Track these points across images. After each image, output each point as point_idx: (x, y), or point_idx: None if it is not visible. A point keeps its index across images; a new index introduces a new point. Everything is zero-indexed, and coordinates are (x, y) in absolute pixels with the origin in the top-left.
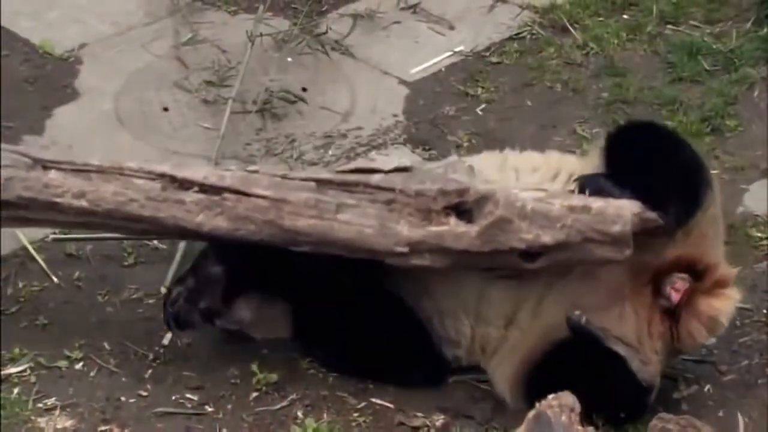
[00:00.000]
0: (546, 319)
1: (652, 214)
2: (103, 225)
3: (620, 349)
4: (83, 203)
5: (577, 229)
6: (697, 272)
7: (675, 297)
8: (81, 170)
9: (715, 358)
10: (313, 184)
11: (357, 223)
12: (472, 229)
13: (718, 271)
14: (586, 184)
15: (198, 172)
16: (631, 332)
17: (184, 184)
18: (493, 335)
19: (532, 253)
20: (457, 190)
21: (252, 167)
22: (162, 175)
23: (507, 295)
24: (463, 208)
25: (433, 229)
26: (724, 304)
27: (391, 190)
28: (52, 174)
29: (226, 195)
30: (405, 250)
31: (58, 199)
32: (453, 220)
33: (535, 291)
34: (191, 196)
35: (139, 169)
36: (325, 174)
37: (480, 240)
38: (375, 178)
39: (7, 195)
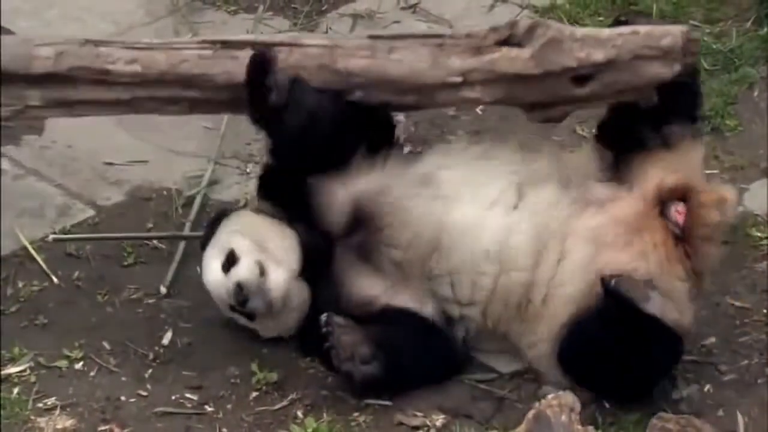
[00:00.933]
0: (574, 264)
1: (696, 35)
2: (150, 99)
3: (654, 307)
4: (136, 68)
5: (627, 48)
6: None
7: (680, 219)
8: (130, 47)
9: (714, 358)
10: (365, 38)
11: (409, 60)
12: (525, 52)
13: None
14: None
15: (248, 36)
16: (655, 264)
17: (236, 45)
18: (519, 280)
19: (583, 78)
20: (507, 24)
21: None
22: (213, 42)
23: (531, 234)
24: (513, 42)
25: (486, 57)
26: (726, 190)
27: (440, 36)
28: (103, 48)
29: (279, 48)
30: (458, 79)
31: (110, 66)
32: (505, 48)
33: (557, 230)
34: (244, 53)
35: (189, 41)
36: (375, 31)
37: (533, 61)
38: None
39: (59, 67)
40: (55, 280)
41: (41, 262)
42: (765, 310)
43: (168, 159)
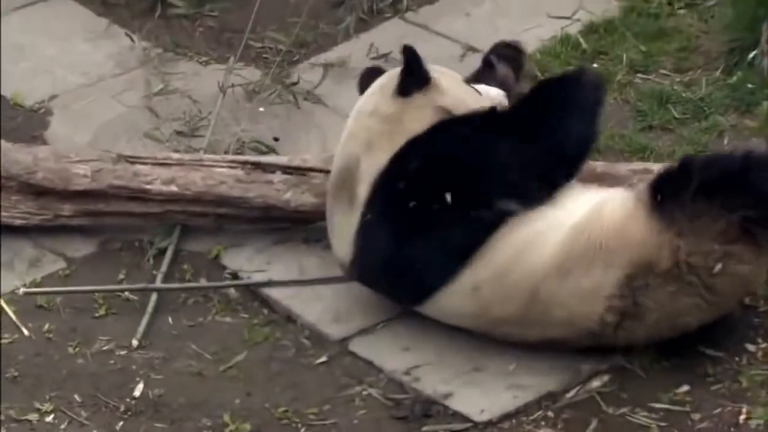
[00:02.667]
0: None
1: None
2: (183, 212)
3: None
4: (173, 188)
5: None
6: None
7: None
8: (163, 163)
9: (687, 407)
10: None
11: None
12: None
13: None
14: None
15: (280, 158)
16: None
17: (268, 168)
18: None
19: None
20: None
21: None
22: (244, 163)
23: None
24: None
25: None
26: None
27: None
28: (139, 166)
29: (312, 174)
30: None
31: (148, 186)
32: None
33: None
34: (278, 177)
35: (221, 158)
36: None
37: None
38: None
39: (98, 184)
40: (25, 332)
41: (11, 315)
42: (736, 359)
43: None
